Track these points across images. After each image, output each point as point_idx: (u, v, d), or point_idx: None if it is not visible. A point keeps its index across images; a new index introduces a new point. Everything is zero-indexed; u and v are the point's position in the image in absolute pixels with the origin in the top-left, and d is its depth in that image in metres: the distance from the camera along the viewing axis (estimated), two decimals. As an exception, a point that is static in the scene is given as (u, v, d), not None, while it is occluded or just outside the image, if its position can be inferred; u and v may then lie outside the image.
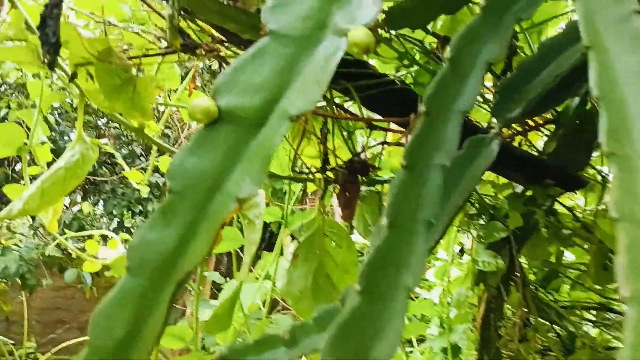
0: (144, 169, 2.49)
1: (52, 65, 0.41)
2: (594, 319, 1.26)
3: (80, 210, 2.77)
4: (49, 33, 0.41)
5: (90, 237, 0.94)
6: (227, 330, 0.65)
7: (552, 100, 0.74)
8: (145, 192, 0.89)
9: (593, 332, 1.28)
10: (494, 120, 0.60)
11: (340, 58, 0.32)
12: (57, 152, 0.78)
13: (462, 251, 1.12)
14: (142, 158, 2.78)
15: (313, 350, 0.52)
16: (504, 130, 0.72)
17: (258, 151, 0.32)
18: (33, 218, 3.28)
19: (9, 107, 2.84)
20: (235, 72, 0.33)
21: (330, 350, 0.31)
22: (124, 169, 0.97)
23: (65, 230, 2.98)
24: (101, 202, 3.14)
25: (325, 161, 0.68)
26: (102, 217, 2.94)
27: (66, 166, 0.61)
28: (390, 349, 0.32)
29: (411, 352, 1.27)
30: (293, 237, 0.76)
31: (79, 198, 2.97)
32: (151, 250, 0.32)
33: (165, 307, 0.31)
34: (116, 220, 2.98)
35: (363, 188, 0.78)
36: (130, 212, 2.79)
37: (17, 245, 2.74)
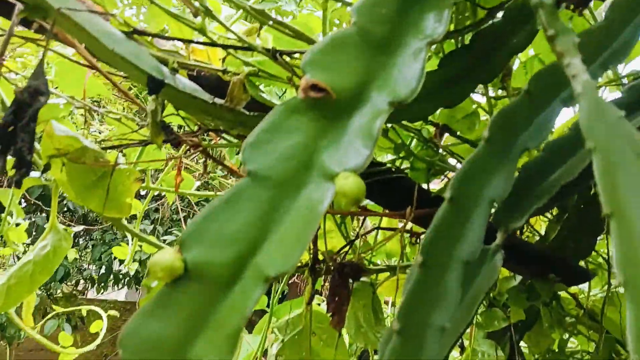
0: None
1: (18, 184, 0.36)
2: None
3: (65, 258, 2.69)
4: (23, 150, 0.36)
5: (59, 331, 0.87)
6: None
7: (557, 201, 0.71)
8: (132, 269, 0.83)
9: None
10: (497, 229, 0.56)
11: (325, 209, 0.28)
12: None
13: (462, 347, 1.06)
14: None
15: None
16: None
17: (226, 319, 0.27)
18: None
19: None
20: (205, 221, 0.29)
21: None
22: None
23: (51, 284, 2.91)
24: (90, 247, 3.07)
25: (315, 257, 0.63)
26: (89, 265, 2.85)
27: (35, 260, 0.56)
28: None
29: None
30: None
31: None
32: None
33: None
34: (104, 266, 2.88)
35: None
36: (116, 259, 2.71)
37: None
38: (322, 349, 0.70)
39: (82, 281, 3.36)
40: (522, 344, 1.05)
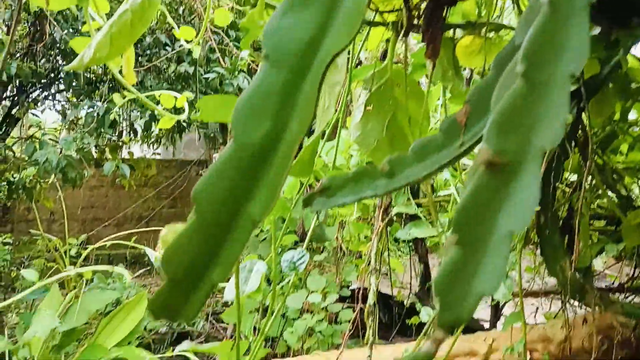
0: (170, 59, 2.43)
1: None
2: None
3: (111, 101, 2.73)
4: None
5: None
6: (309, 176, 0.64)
7: None
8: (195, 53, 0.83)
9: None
10: None
11: None
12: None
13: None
14: (167, 48, 2.68)
15: (414, 180, 0.50)
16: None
17: None
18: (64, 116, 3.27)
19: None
20: None
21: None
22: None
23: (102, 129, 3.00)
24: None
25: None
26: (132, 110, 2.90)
27: (132, 9, 0.56)
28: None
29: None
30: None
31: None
32: (288, 38, 0.29)
33: (314, 95, 0.29)
34: (148, 113, 2.91)
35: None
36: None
37: (54, 140, 2.76)
38: (406, 101, 0.73)
39: (124, 133, 3.48)
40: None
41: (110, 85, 2.85)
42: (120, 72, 0.66)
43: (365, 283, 1.58)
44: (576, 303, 1.57)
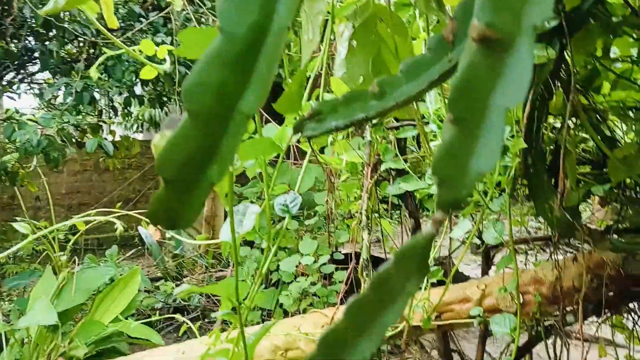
0: (144, 31, 2.37)
1: None
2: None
3: (88, 77, 2.67)
4: None
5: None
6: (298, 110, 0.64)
7: None
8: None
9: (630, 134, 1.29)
10: None
11: None
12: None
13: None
14: (141, 19, 2.60)
15: (406, 99, 0.50)
16: None
17: None
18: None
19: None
20: None
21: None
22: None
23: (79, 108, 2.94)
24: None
25: None
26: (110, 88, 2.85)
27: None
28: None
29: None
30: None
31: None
32: None
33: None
34: (126, 88, 2.85)
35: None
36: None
37: (33, 121, 2.70)
38: (389, 37, 0.72)
39: (104, 113, 3.41)
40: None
41: (87, 63, 2.78)
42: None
43: (358, 241, 1.60)
44: (565, 249, 1.60)
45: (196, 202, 0.31)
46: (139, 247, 3.84)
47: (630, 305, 1.46)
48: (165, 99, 3.05)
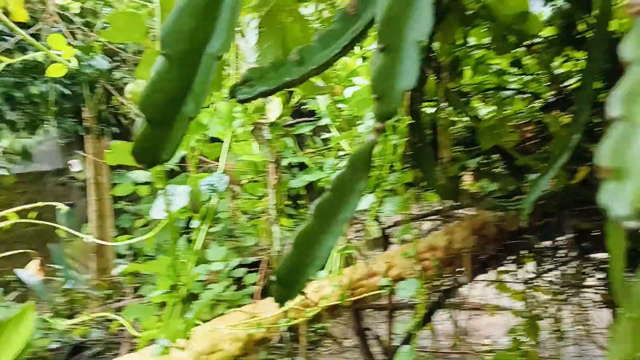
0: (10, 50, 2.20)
1: None
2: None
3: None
4: None
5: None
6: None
7: None
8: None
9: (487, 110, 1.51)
10: None
11: None
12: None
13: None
14: (5, 37, 2.39)
15: (325, 62, 0.58)
16: None
17: None
18: None
19: None
20: None
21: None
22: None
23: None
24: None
25: None
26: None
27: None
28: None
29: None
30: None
31: None
32: None
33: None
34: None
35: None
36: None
37: None
38: (291, 25, 0.81)
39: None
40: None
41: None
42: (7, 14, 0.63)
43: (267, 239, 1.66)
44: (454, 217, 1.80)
45: (176, 136, 0.35)
46: (23, 290, 3.49)
47: (509, 258, 1.69)
48: (39, 122, 2.83)
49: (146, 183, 2.41)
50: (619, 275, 0.44)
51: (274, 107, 1.42)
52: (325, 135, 1.59)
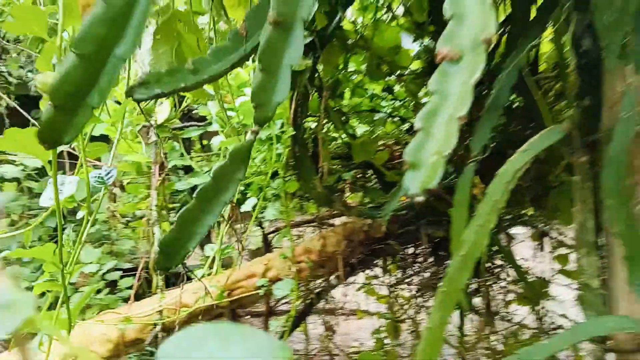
0: None
1: None
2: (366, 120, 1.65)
3: None
4: None
5: None
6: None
7: None
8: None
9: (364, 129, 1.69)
10: None
11: None
12: None
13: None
14: None
15: (216, 74, 0.67)
16: None
17: None
18: None
19: None
20: None
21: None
22: None
23: None
24: None
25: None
26: None
27: None
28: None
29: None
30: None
31: None
32: None
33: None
34: None
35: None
36: None
37: None
38: (186, 34, 0.88)
39: None
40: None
41: None
42: None
43: (147, 241, 1.66)
44: (328, 225, 1.94)
45: (79, 123, 0.41)
46: None
47: (376, 262, 1.87)
48: None
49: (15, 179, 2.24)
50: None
51: (163, 109, 1.46)
52: (214, 140, 1.65)
